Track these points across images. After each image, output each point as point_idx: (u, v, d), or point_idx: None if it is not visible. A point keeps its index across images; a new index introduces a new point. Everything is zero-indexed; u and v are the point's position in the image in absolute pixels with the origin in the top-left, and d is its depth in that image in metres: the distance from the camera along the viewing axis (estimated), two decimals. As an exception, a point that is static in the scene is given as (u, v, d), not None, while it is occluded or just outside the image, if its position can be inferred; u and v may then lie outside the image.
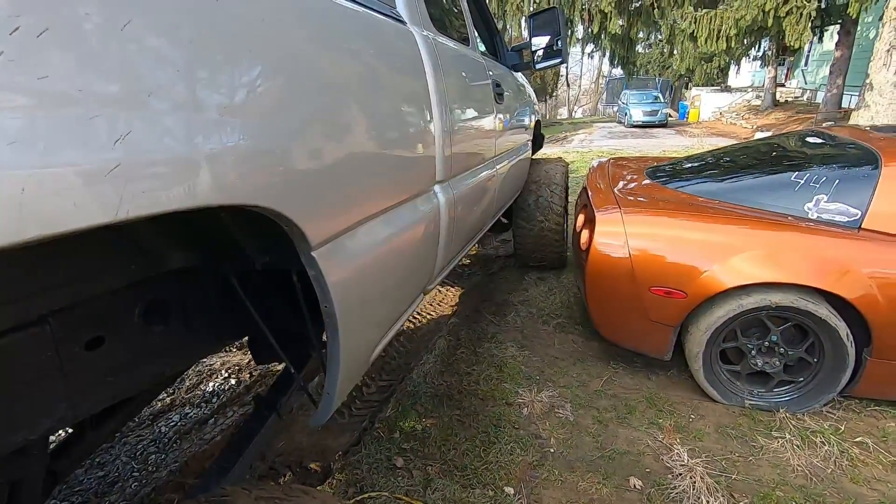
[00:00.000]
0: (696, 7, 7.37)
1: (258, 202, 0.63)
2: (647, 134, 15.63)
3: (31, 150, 0.35)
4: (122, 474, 1.88)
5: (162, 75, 0.48)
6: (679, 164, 2.99)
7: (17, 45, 0.34)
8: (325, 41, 0.85)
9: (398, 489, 1.75)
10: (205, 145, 0.54)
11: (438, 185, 1.42)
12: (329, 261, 0.82)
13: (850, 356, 1.95)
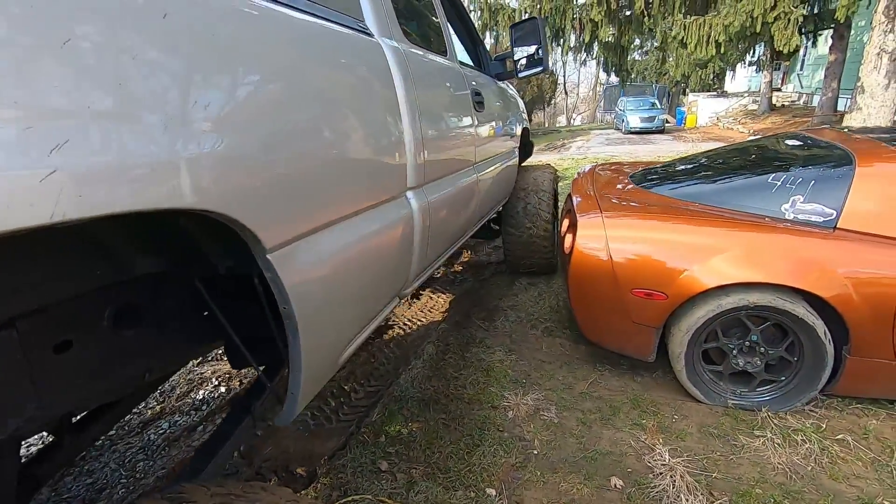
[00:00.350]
0: (685, 14, 7.46)
1: (205, 207, 0.66)
2: (644, 140, 15.71)
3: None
4: (110, 481, 1.91)
5: (101, 87, 0.52)
6: (662, 169, 3.03)
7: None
8: (281, 53, 0.88)
9: (381, 492, 1.77)
10: (146, 153, 0.57)
11: (411, 191, 1.44)
12: (286, 263, 0.85)
13: (828, 354, 1.97)
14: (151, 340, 1.03)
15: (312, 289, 0.95)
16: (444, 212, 1.77)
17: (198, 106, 0.65)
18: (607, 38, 9.14)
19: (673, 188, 2.53)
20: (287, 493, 0.88)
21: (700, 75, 17.17)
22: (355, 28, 1.24)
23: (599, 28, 8.39)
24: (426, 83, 1.64)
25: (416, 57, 1.60)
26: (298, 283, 0.89)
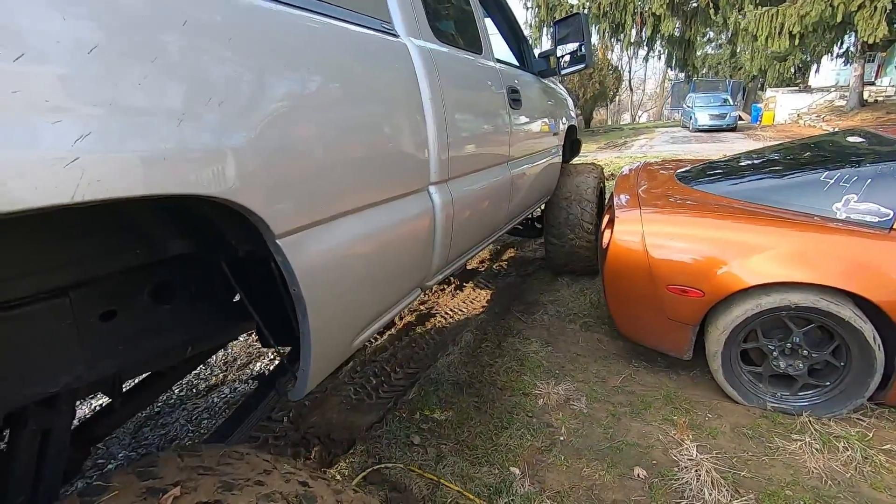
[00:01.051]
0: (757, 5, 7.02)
1: (214, 194, 0.73)
2: (712, 138, 14.91)
3: (14, 145, 0.50)
4: (179, 434, 2.18)
5: (124, 86, 0.60)
6: (709, 165, 2.95)
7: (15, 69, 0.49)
8: (298, 56, 0.95)
9: (412, 462, 1.90)
10: (160, 145, 0.64)
11: (434, 186, 1.50)
12: (296, 249, 0.91)
13: (878, 360, 1.89)
14: (186, 317, 1.13)
15: (322, 273, 1.01)
16: (470, 207, 1.80)
17: (211, 103, 0.72)
18: (671, 32, 8.78)
19: (718, 185, 2.48)
20: (261, 463, 0.88)
21: (778, 69, 16.01)
22: (380, 30, 1.32)
23: (662, 22, 8.08)
24: (454, 82, 1.68)
25: (444, 56, 1.64)
26: (308, 267, 0.95)
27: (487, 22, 2.78)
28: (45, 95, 0.52)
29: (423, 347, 2.82)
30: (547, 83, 3.10)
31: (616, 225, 2.31)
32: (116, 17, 0.61)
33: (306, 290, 0.95)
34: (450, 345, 2.79)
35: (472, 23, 2.20)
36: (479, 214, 1.96)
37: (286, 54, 0.91)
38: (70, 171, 0.54)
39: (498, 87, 2.16)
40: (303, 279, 0.93)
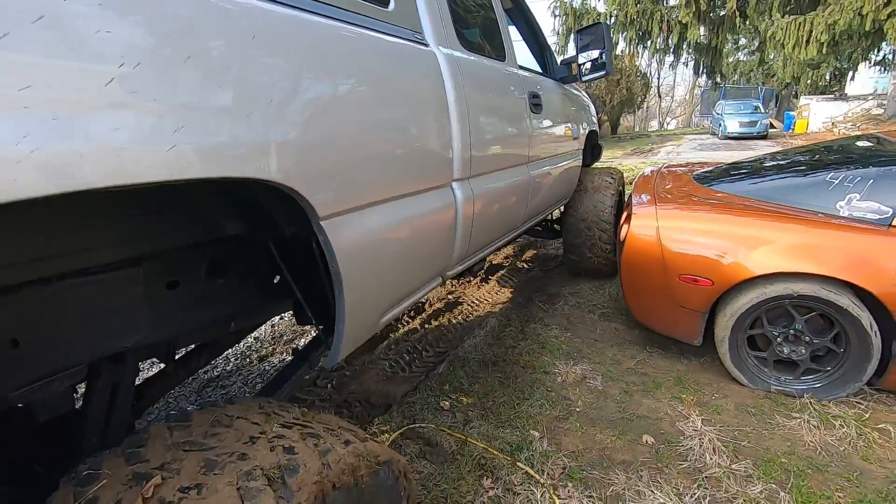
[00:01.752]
0: (785, 13, 7.08)
1: (273, 178, 0.87)
2: (741, 146, 14.75)
3: (132, 133, 0.65)
4: (237, 394, 2.47)
5: (206, 91, 0.75)
6: (725, 167, 3.12)
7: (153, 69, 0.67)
8: (345, 63, 1.10)
9: (442, 424, 2.14)
10: (234, 135, 0.79)
11: (456, 182, 1.63)
12: (336, 230, 1.05)
13: (874, 346, 2.04)
14: (234, 292, 1.27)
15: (357, 254, 1.14)
16: (490, 204, 1.93)
17: (273, 104, 0.87)
18: (698, 40, 8.86)
19: (731, 185, 2.66)
20: (250, 428, 0.91)
21: (812, 76, 15.75)
22: (412, 39, 1.46)
23: (688, 29, 8.17)
24: (477, 87, 1.80)
25: (469, 63, 1.77)
26: (345, 247, 1.08)
27: (513, 30, 2.96)
28: (155, 95, 0.67)
29: (451, 331, 3.07)
30: (568, 89, 3.23)
31: (633, 220, 2.52)
32: (209, 38, 0.77)
33: (343, 267, 1.07)
34: (476, 328, 3.03)
35: (496, 32, 2.32)
36: (498, 211, 2.08)
37: (330, 63, 1.05)
38: (169, 154, 0.69)
39: (519, 93, 2.29)
40: (341, 258, 1.06)
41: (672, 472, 1.83)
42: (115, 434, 1.08)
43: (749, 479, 1.78)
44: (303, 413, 1.05)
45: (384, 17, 1.34)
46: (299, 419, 0.99)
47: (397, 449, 1.97)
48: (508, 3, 2.81)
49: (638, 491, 1.74)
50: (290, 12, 0.96)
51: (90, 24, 0.60)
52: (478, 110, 1.75)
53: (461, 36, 1.79)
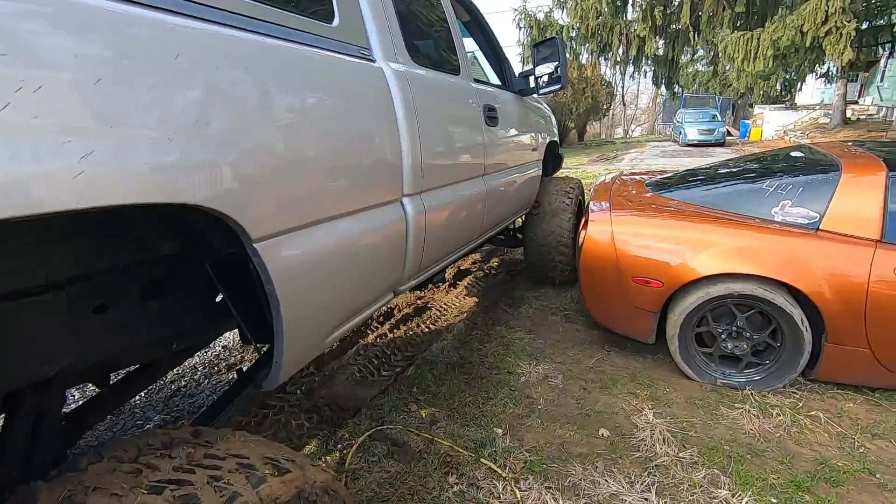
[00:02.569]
0: (734, 29, 7.51)
1: (198, 202, 0.83)
2: (701, 153, 15.40)
3: (32, 159, 0.61)
4: (206, 402, 2.48)
5: (119, 111, 0.71)
6: (674, 176, 3.32)
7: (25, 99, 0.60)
8: (281, 80, 1.07)
9: (410, 425, 2.21)
10: (151, 158, 0.75)
11: (407, 197, 1.61)
12: (272, 252, 1.01)
13: (806, 340, 2.22)
14: (173, 313, 1.21)
15: (296, 275, 1.10)
16: (444, 217, 1.91)
17: (198, 125, 0.83)
18: (656, 52, 9.27)
19: (679, 192, 2.84)
20: (142, 468, 0.81)
21: (763, 87, 16.63)
22: (358, 56, 1.43)
23: (646, 42, 8.56)
24: (429, 102, 1.77)
25: (420, 78, 1.75)
26: (283, 269, 1.05)
27: (472, 44, 3.02)
28: (58, 120, 0.64)
29: (419, 335, 3.14)
30: (527, 101, 3.21)
31: (589, 225, 2.66)
32: (123, 57, 0.73)
33: (280, 289, 1.04)
34: (443, 332, 3.11)
35: (450, 46, 2.28)
36: (453, 224, 2.04)
37: (264, 81, 1.02)
38: (76, 182, 0.65)
39: (474, 106, 2.28)
40: (277, 280, 1.02)
41: (625, 462, 1.95)
42: (41, 466, 1.01)
43: (694, 465, 1.92)
44: (227, 439, 0.97)
45: (328, 34, 1.31)
46: (219, 453, 0.90)
47: (366, 450, 2.03)
48: (465, 16, 2.85)
49: (593, 480, 1.85)
50: (217, 29, 0.92)
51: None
52: (429, 125, 1.74)
53: (412, 50, 1.77)
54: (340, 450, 2.06)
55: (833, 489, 1.80)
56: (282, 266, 1.05)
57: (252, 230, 0.96)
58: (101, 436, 2.24)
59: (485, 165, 2.36)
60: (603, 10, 8.26)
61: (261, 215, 0.99)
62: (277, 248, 1.04)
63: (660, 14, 7.78)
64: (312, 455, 2.02)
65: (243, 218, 0.94)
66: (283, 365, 1.17)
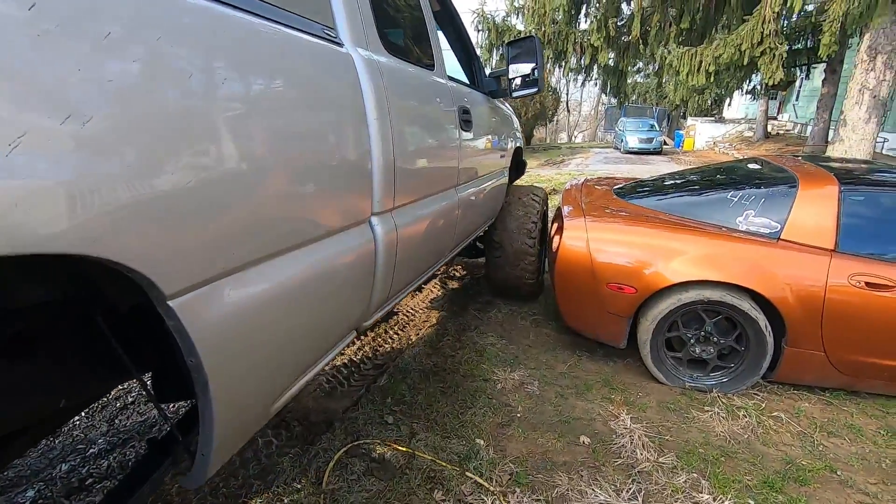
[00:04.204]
0: (680, 44, 7.97)
1: (80, 251, 0.56)
2: (641, 160, 16.19)
3: None
4: (158, 421, 2.25)
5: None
6: (641, 183, 3.42)
7: None
8: (206, 59, 0.74)
9: (388, 439, 2.11)
10: (20, 200, 0.50)
11: (377, 216, 1.34)
12: (194, 310, 0.73)
13: (768, 344, 2.34)
14: (52, 373, 0.92)
15: (230, 336, 0.82)
16: (416, 238, 1.68)
17: (70, 121, 0.54)
18: (606, 62, 9.65)
19: (648, 200, 2.91)
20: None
21: (697, 101, 17.77)
22: (321, 36, 1.12)
23: (599, 52, 8.89)
24: (404, 99, 1.53)
25: (394, 70, 1.48)
26: (211, 330, 0.77)
27: (441, 37, 2.61)
28: None
29: (388, 342, 3.04)
30: (496, 104, 2.98)
31: (565, 231, 2.67)
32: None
33: (209, 360, 0.76)
34: (413, 338, 3.02)
35: (425, 36, 2.03)
36: (425, 243, 1.82)
37: (186, 57, 0.70)
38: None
39: (449, 107, 2.02)
40: (203, 349, 0.74)
41: (608, 470, 1.96)
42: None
43: (674, 470, 1.96)
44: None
45: (281, 3, 1.00)
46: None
47: (343, 468, 1.91)
48: (436, 6, 2.52)
49: (580, 490, 1.84)
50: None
51: None
52: (404, 128, 1.48)
53: (385, 38, 1.50)
54: (315, 469, 1.92)
55: (801, 488, 1.90)
56: (210, 328, 0.76)
57: (165, 283, 0.68)
58: (34, 464, 1.97)
59: (458, 174, 2.14)
60: (557, 18, 8.49)
61: (176, 261, 0.70)
62: (203, 303, 0.75)
63: (613, 26, 8.09)
64: (285, 476, 1.87)
65: (151, 268, 0.65)
66: (211, 457, 0.86)
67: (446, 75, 2.14)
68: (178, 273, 0.71)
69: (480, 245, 3.60)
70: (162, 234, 0.67)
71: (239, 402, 0.91)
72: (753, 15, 6.60)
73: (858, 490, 1.89)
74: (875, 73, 7.35)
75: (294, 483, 1.84)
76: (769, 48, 6.50)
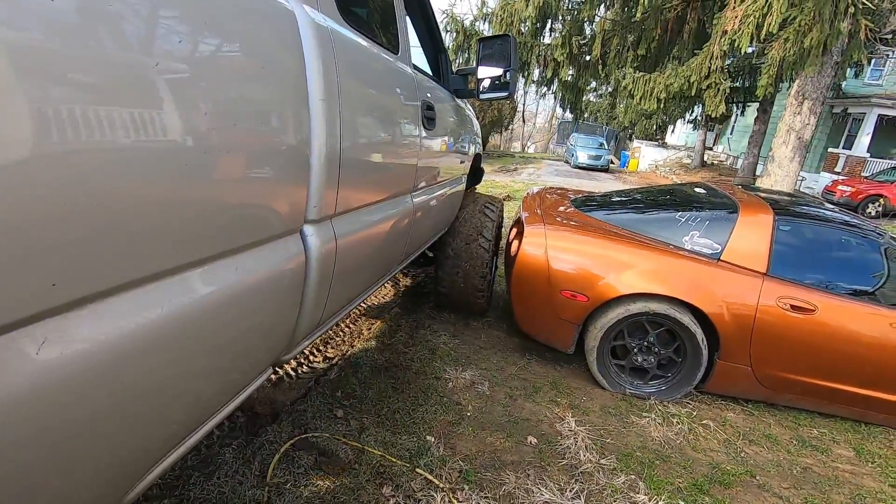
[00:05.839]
0: (635, 69, 8.41)
1: None
2: (589, 176, 16.88)
3: None
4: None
5: None
6: (598, 197, 3.56)
7: None
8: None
9: (337, 433, 2.07)
10: None
11: (312, 225, 1.07)
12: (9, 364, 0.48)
13: (704, 357, 2.51)
14: None
15: (62, 407, 0.55)
16: (360, 250, 1.42)
17: None
18: (567, 78, 10.00)
19: (604, 213, 3.04)
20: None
21: (644, 125, 18.81)
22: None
23: (561, 68, 9.20)
24: (359, 81, 1.27)
25: (350, 44, 1.22)
26: (32, 400, 0.51)
27: (409, 23, 2.20)
28: None
29: (340, 334, 2.98)
30: (461, 104, 2.76)
31: (525, 238, 2.73)
32: None
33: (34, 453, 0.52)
34: (366, 332, 2.98)
35: (391, 16, 1.77)
36: (370, 257, 1.57)
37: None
38: None
39: (412, 100, 1.78)
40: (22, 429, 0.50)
41: (553, 470, 2.02)
42: None
43: (614, 471, 2.05)
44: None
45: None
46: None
47: (290, 461, 1.86)
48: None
49: (526, 489, 1.89)
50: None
51: None
52: (357, 117, 1.24)
53: (341, 4, 1.24)
54: (260, 461, 1.85)
55: (725, 490, 2.05)
56: (28, 391, 0.50)
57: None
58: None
59: (416, 177, 1.90)
60: (523, 29, 8.69)
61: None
62: (15, 355, 0.49)
63: (576, 43, 8.41)
64: (227, 468, 1.78)
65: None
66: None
67: (411, 63, 1.90)
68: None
69: (430, 253, 3.32)
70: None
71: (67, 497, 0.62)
72: (703, 50, 7.08)
73: (773, 494, 2.07)
74: (801, 117, 8.09)
75: (237, 475, 1.76)
76: (714, 83, 6.99)
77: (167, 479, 1.73)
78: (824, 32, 5.80)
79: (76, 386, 0.56)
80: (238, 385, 1.01)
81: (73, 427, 0.58)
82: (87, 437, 0.62)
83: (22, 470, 0.53)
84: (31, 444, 0.53)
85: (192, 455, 1.84)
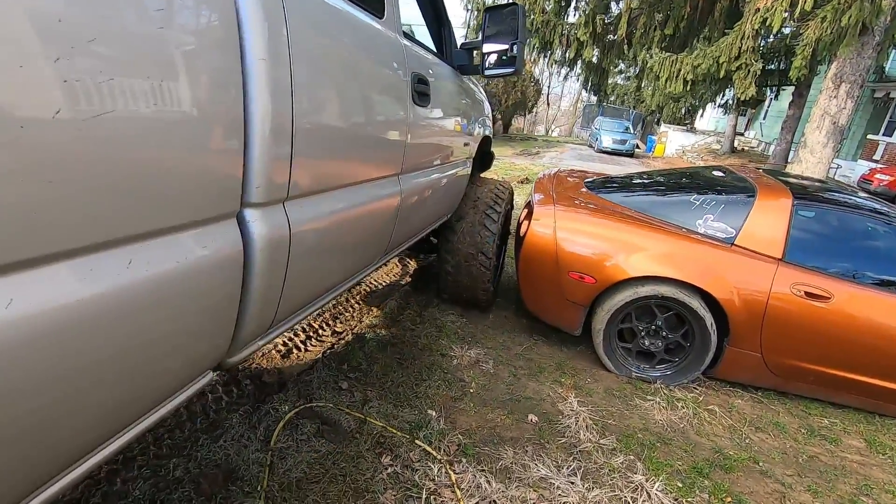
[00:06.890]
0: (662, 49, 8.14)
1: None
2: (613, 160, 16.53)
3: None
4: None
5: None
6: (612, 179, 3.50)
7: None
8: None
9: (341, 403, 2.12)
10: None
11: (254, 209, 0.93)
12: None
13: (712, 342, 2.47)
14: None
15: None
16: (328, 238, 1.27)
17: None
18: (591, 58, 9.74)
19: (618, 195, 2.99)
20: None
21: (672, 108, 18.25)
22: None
23: (584, 48, 8.96)
24: (319, 39, 1.11)
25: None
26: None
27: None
28: None
29: (350, 310, 3.03)
30: (466, 82, 2.57)
31: (534, 218, 2.71)
32: None
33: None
34: (375, 309, 3.03)
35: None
36: (343, 246, 1.42)
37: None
38: None
39: (398, 70, 1.62)
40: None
41: (552, 447, 2.04)
42: None
43: (613, 451, 2.06)
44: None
45: None
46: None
47: (294, 428, 1.92)
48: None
49: (524, 464, 1.91)
50: None
51: None
52: (316, 84, 1.08)
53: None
54: (265, 427, 1.92)
55: (726, 475, 2.03)
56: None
57: None
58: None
59: (404, 158, 1.73)
60: (546, 7, 8.48)
61: None
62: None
63: (600, 22, 8.16)
64: (233, 431, 1.86)
65: None
66: None
67: (400, 30, 1.71)
68: None
69: (434, 240, 3.15)
70: None
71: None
72: (734, 29, 6.80)
73: (776, 480, 2.05)
74: (837, 101, 7.73)
75: (242, 439, 1.83)
76: (745, 64, 6.72)
77: (176, 440, 1.81)
78: (864, 10, 5.49)
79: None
80: (164, 391, 0.88)
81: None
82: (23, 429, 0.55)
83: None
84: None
85: (200, 419, 1.92)
